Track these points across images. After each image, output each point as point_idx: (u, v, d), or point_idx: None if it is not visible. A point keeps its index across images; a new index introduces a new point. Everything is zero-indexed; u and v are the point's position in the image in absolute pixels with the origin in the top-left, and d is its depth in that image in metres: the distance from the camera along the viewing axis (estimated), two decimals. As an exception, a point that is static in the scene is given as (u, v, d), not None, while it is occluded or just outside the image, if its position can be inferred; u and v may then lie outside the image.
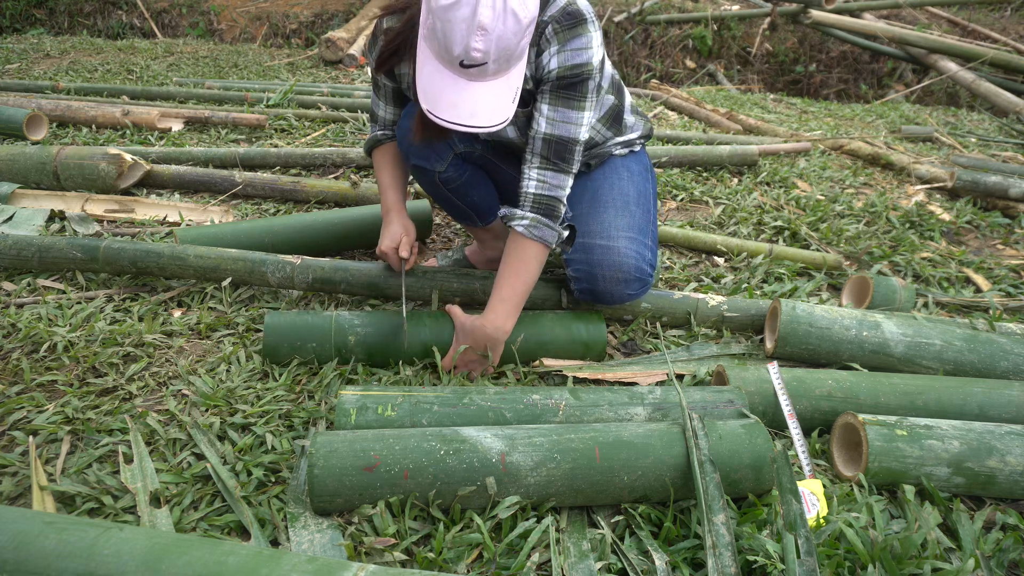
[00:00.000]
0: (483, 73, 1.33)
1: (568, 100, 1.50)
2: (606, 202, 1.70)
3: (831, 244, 2.41)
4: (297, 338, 1.59)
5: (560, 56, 1.46)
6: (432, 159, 1.68)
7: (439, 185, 1.74)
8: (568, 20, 1.45)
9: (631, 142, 1.82)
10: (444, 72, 1.34)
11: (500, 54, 1.31)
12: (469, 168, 1.75)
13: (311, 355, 1.59)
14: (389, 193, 1.78)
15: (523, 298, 1.56)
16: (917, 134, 4.07)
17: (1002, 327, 1.75)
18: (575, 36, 1.46)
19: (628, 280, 1.63)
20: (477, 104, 1.34)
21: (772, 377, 1.49)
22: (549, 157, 1.52)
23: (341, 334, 1.59)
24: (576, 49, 1.46)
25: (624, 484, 1.19)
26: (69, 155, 2.54)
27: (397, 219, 1.74)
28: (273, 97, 3.94)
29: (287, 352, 1.59)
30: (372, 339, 1.61)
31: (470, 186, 1.76)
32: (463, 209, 1.83)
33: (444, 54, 1.32)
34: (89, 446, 1.34)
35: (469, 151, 1.72)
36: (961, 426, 1.33)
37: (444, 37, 1.29)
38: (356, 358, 1.60)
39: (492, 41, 1.28)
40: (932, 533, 1.17)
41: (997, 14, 7.76)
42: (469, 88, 1.34)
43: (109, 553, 0.92)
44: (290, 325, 1.60)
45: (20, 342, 1.65)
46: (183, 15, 7.82)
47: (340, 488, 1.15)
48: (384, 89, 1.74)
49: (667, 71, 7.45)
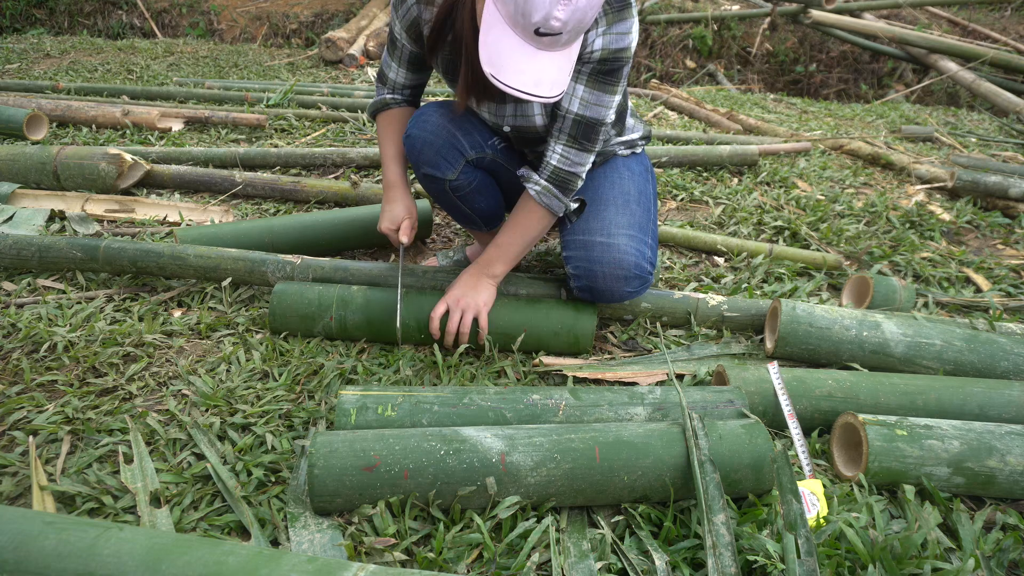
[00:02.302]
0: (555, 43, 1.29)
1: (604, 84, 1.50)
2: (607, 200, 1.70)
3: (831, 244, 2.41)
4: (302, 305, 1.68)
5: (605, 38, 1.45)
6: (443, 167, 1.65)
7: (448, 193, 1.72)
8: (618, 2, 1.44)
9: (632, 142, 1.83)
10: (514, 37, 1.28)
11: (576, 25, 1.27)
12: (479, 174, 1.73)
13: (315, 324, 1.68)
14: (393, 167, 1.75)
15: (518, 252, 1.66)
16: (917, 134, 4.07)
17: (1002, 327, 1.75)
18: (621, 20, 1.44)
19: (628, 278, 1.63)
20: (543, 73, 1.30)
21: (772, 377, 1.49)
22: (576, 136, 1.55)
23: (343, 305, 1.68)
24: (620, 33, 1.45)
25: (624, 484, 1.19)
26: (69, 155, 2.54)
27: (400, 198, 1.72)
28: (273, 97, 3.94)
29: (293, 321, 1.68)
30: (373, 312, 1.68)
31: (478, 193, 1.75)
32: (469, 215, 1.82)
33: (520, 19, 1.25)
34: (89, 446, 1.34)
35: (480, 156, 1.70)
36: (961, 426, 1.33)
37: (525, 2, 1.23)
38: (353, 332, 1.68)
39: (573, 11, 1.23)
40: (932, 533, 1.17)
41: (997, 14, 7.75)
42: (537, 57, 1.30)
43: (109, 553, 0.92)
44: (296, 293, 1.70)
45: (20, 342, 1.65)
46: (183, 15, 7.82)
47: (340, 488, 1.15)
48: (402, 51, 1.68)
49: (667, 71, 7.45)
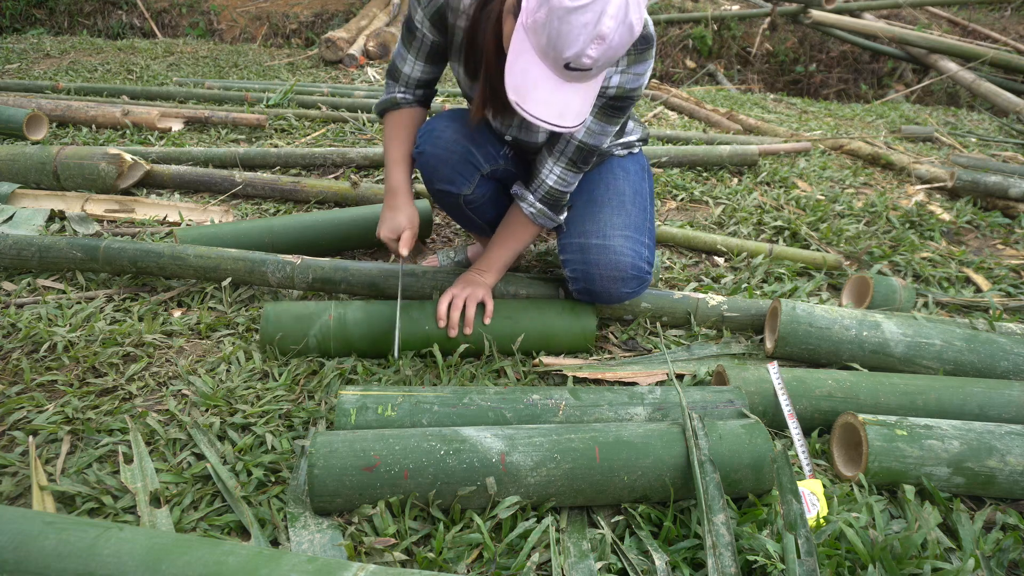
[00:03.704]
0: (583, 78, 1.27)
1: (611, 117, 1.52)
2: (602, 202, 1.70)
3: (831, 244, 2.41)
4: (293, 325, 1.63)
5: (623, 76, 1.46)
6: (459, 183, 1.65)
7: (462, 207, 1.71)
8: (642, 44, 1.42)
9: (630, 144, 1.83)
10: (542, 68, 1.26)
11: (606, 63, 1.25)
12: (491, 186, 1.72)
13: (307, 343, 1.63)
14: (397, 171, 1.71)
15: (508, 262, 1.74)
16: (917, 134, 4.07)
17: (1002, 327, 1.75)
18: (641, 61, 1.44)
19: (625, 278, 1.63)
20: (568, 105, 1.29)
21: (772, 377, 1.49)
22: (576, 161, 1.60)
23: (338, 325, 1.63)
24: (638, 74, 1.46)
25: (624, 484, 1.19)
26: (69, 155, 2.54)
27: (403, 206, 1.69)
28: (273, 97, 3.94)
29: (284, 338, 1.62)
30: (365, 330, 1.64)
31: (490, 203, 1.75)
32: (479, 225, 1.82)
33: (551, 52, 1.23)
34: (89, 446, 1.34)
35: (494, 169, 1.69)
36: (961, 426, 1.33)
37: (558, 38, 1.19)
38: (351, 351, 1.64)
39: (605, 50, 1.21)
40: (932, 533, 1.17)
41: (997, 14, 7.76)
42: (563, 88, 1.28)
43: (109, 553, 0.92)
44: (287, 312, 1.64)
45: (20, 342, 1.65)
46: (183, 15, 7.82)
47: (340, 488, 1.15)
48: (422, 41, 1.61)
49: (667, 71, 7.45)
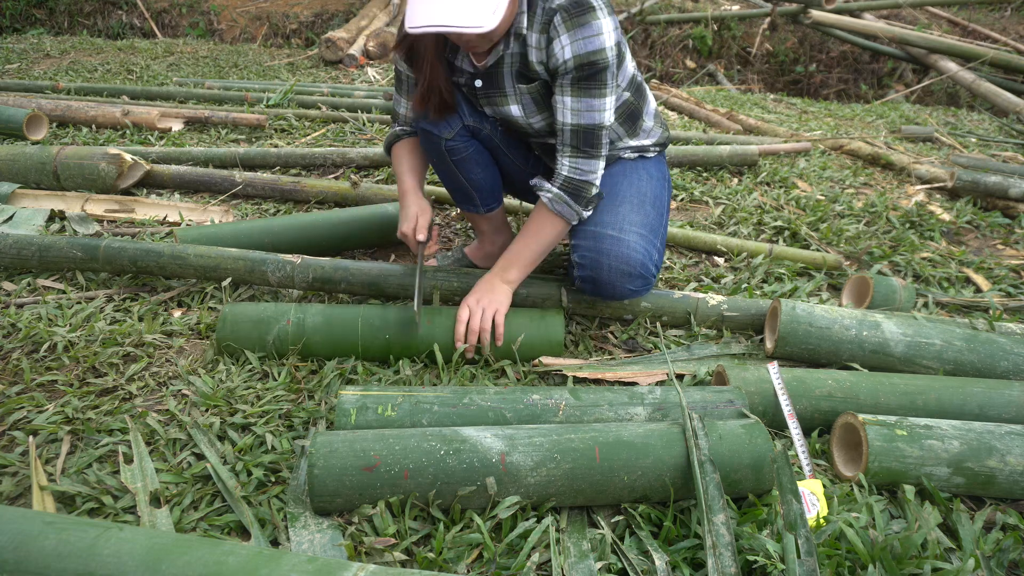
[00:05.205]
0: None
1: (589, 89, 1.52)
2: (623, 198, 1.71)
3: (831, 244, 2.41)
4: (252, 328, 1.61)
5: (573, 46, 1.47)
6: (440, 126, 1.68)
7: (444, 154, 1.73)
8: (576, 8, 1.46)
9: (644, 148, 1.82)
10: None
11: None
12: (475, 144, 1.74)
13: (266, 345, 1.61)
14: (406, 178, 1.77)
15: (532, 259, 1.68)
16: (917, 134, 4.07)
17: (1002, 327, 1.75)
18: (584, 24, 1.46)
19: (632, 275, 1.64)
20: (452, 3, 1.34)
21: (772, 377, 1.49)
22: (579, 146, 1.58)
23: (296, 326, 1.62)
24: (588, 37, 1.47)
25: (624, 484, 1.19)
26: (69, 155, 2.54)
27: (413, 200, 1.73)
28: (273, 97, 3.94)
29: (243, 342, 1.61)
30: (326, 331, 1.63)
31: (474, 162, 1.76)
32: (465, 187, 1.81)
33: None
34: (89, 446, 1.34)
35: (477, 127, 1.72)
36: (961, 426, 1.33)
37: None
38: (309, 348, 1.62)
39: None
40: (932, 533, 1.17)
41: (997, 14, 7.76)
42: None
43: (109, 553, 0.92)
44: (244, 316, 1.63)
45: (20, 342, 1.65)
46: (183, 15, 7.82)
47: (340, 488, 1.15)
48: (406, 82, 1.74)
49: (667, 71, 7.45)
